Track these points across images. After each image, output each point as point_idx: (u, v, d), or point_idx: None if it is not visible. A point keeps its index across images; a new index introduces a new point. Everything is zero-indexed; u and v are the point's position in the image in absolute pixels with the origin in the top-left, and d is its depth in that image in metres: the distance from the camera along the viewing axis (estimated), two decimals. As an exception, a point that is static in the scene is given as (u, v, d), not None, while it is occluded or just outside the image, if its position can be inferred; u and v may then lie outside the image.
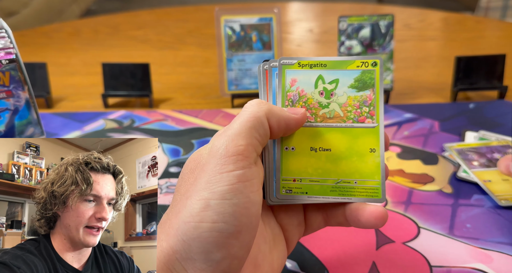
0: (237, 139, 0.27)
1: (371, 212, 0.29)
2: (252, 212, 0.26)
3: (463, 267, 0.37)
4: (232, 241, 0.25)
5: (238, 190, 0.26)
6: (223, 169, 0.26)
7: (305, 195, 0.31)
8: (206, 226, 0.25)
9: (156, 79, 0.77)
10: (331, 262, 0.38)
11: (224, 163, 0.26)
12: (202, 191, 0.26)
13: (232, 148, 0.26)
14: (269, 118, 0.28)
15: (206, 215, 0.25)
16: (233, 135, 0.27)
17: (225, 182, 0.26)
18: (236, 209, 0.25)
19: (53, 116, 0.67)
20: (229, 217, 0.25)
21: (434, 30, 1.09)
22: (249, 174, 0.26)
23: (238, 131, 0.27)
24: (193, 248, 0.25)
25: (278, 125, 0.29)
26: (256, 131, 0.27)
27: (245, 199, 0.26)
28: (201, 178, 0.26)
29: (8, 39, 0.48)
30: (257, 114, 0.28)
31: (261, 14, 0.68)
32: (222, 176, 0.26)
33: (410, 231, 0.41)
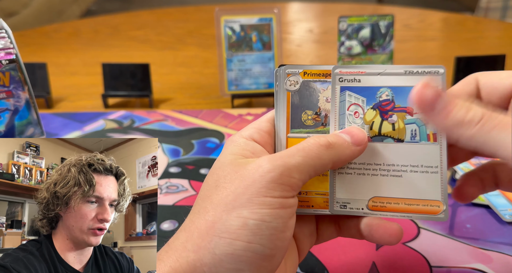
0: (294, 172, 0.26)
1: (386, 229, 0.29)
2: (287, 236, 0.26)
3: (463, 267, 0.37)
4: (264, 263, 0.25)
5: (279, 215, 0.25)
6: (269, 194, 0.25)
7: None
8: (241, 244, 0.25)
9: (156, 79, 0.78)
10: (331, 262, 0.38)
11: (271, 188, 0.26)
12: (242, 208, 0.25)
13: (285, 178, 0.26)
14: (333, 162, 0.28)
15: (242, 234, 0.25)
16: (292, 167, 0.26)
17: (267, 206, 0.25)
18: (273, 232, 0.25)
19: (53, 116, 0.67)
20: (266, 240, 0.25)
21: (434, 30, 1.09)
22: (292, 202, 0.26)
23: (297, 165, 0.26)
24: (224, 263, 0.25)
25: (339, 161, 0.28)
26: (314, 170, 0.27)
27: (283, 223, 0.26)
28: (242, 194, 0.26)
29: (8, 39, 0.48)
30: (323, 157, 0.27)
31: (261, 14, 0.68)
32: (266, 200, 0.25)
33: (410, 231, 0.41)
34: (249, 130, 0.30)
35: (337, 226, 0.32)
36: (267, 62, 0.69)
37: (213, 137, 0.59)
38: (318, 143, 0.27)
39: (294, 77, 0.31)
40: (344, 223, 0.31)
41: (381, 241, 0.29)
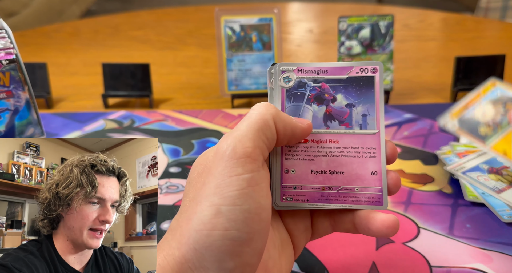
0: (245, 140, 0.26)
1: (383, 221, 0.29)
2: (263, 218, 0.26)
3: (463, 267, 0.37)
4: (245, 249, 0.25)
5: (248, 195, 0.25)
6: (232, 172, 0.25)
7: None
8: (218, 234, 0.24)
9: (156, 79, 0.78)
10: (331, 262, 0.38)
11: (232, 166, 0.25)
12: (212, 196, 0.25)
13: (239, 149, 0.26)
14: (276, 122, 0.28)
15: (218, 222, 0.24)
16: (240, 136, 0.26)
17: (234, 187, 0.25)
18: (247, 215, 0.25)
19: (53, 116, 0.67)
20: (241, 224, 0.25)
21: (434, 30, 1.10)
22: (258, 178, 0.26)
23: (245, 132, 0.27)
24: (206, 257, 0.25)
25: (285, 130, 0.28)
26: (263, 133, 0.27)
27: (255, 204, 0.25)
28: (210, 182, 0.26)
29: (8, 39, 0.48)
30: (265, 116, 0.27)
31: (261, 14, 0.68)
32: (232, 180, 0.25)
33: (410, 231, 0.41)
34: None
35: (332, 221, 0.32)
36: (267, 62, 0.69)
37: (213, 137, 0.60)
38: (257, 106, 0.28)
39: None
40: (339, 217, 0.31)
41: (378, 233, 0.29)
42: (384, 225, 0.29)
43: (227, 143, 0.26)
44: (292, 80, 0.31)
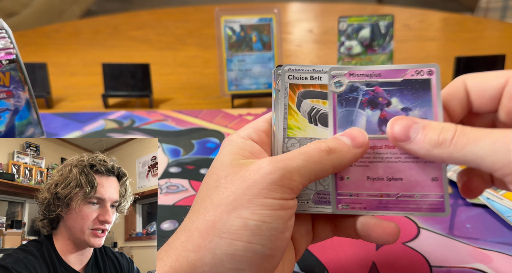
0: (295, 175, 0.26)
1: (384, 228, 0.29)
2: (286, 237, 0.26)
3: (463, 267, 0.37)
4: (264, 263, 0.26)
5: (279, 216, 0.26)
6: (269, 195, 0.26)
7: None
8: (241, 244, 0.25)
9: (156, 79, 0.78)
10: (331, 263, 0.38)
11: (272, 190, 0.26)
12: (242, 209, 0.25)
13: (286, 180, 0.26)
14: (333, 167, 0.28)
15: (243, 234, 0.25)
16: (294, 170, 0.26)
17: (268, 207, 0.25)
18: (273, 233, 0.25)
19: (53, 116, 0.67)
20: (266, 240, 0.25)
21: (434, 30, 1.10)
22: (291, 204, 0.27)
23: (298, 168, 0.27)
24: (225, 263, 0.25)
25: (339, 167, 0.28)
26: (315, 175, 0.27)
27: (283, 224, 0.26)
28: (243, 195, 0.26)
29: (9, 39, 0.48)
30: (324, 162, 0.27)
31: (261, 14, 0.68)
32: (266, 201, 0.26)
33: (410, 231, 0.41)
34: (246, 130, 0.30)
35: (333, 226, 0.32)
36: (267, 62, 0.69)
37: (213, 137, 0.60)
38: (319, 148, 0.28)
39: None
40: (340, 222, 0.31)
41: (379, 240, 0.29)
42: (385, 232, 0.29)
43: (276, 167, 0.26)
44: (343, 84, 0.30)
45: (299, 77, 0.31)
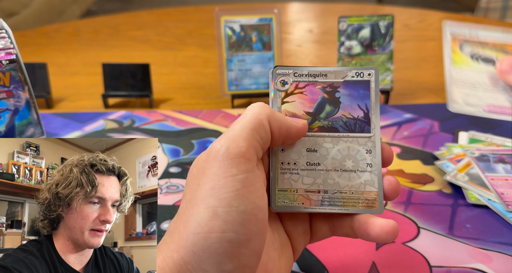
0: (238, 140, 0.26)
1: (382, 226, 0.29)
2: (260, 218, 0.26)
3: (463, 267, 0.37)
4: (243, 251, 0.25)
5: (244, 196, 0.25)
6: (227, 173, 0.25)
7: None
8: (215, 236, 0.24)
9: (156, 79, 0.78)
10: (331, 262, 0.38)
11: (226, 166, 0.25)
12: (208, 198, 0.25)
13: (233, 149, 0.26)
14: (271, 122, 0.28)
15: (215, 224, 0.24)
16: (234, 136, 0.26)
17: (230, 188, 0.25)
18: (244, 216, 0.25)
19: (54, 116, 0.67)
20: (238, 225, 0.25)
21: (433, 30, 1.10)
22: (253, 178, 0.26)
23: (239, 132, 0.26)
24: (204, 259, 0.25)
25: (280, 130, 0.28)
26: (257, 133, 0.27)
27: (251, 205, 0.25)
28: (205, 184, 0.26)
29: (9, 39, 0.48)
30: (259, 116, 0.27)
31: (261, 14, 0.68)
32: (226, 180, 0.25)
33: (410, 231, 0.41)
34: None
35: (331, 225, 0.32)
36: (267, 62, 0.69)
37: (213, 137, 0.60)
38: (252, 106, 0.28)
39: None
40: (337, 221, 0.31)
41: (377, 239, 0.29)
42: (383, 231, 0.28)
43: (220, 143, 0.26)
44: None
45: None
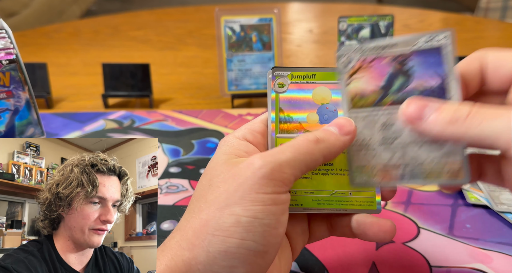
0: (286, 167, 0.26)
1: (380, 226, 0.29)
2: (280, 233, 0.26)
3: (463, 267, 0.37)
4: (258, 260, 0.26)
5: (271, 211, 0.26)
6: (261, 190, 0.26)
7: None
8: (234, 241, 0.25)
9: (156, 79, 0.78)
10: (331, 262, 0.38)
11: (263, 184, 0.26)
12: (235, 206, 0.25)
13: (276, 173, 0.26)
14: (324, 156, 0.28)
15: (236, 231, 0.25)
16: (283, 162, 0.26)
17: (259, 203, 0.25)
18: (266, 229, 0.25)
19: (54, 116, 0.67)
20: (259, 236, 0.25)
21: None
22: (284, 198, 0.27)
23: (288, 160, 0.27)
24: (218, 260, 0.25)
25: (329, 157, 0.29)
26: (306, 166, 0.27)
27: (275, 220, 0.26)
28: (235, 192, 0.26)
29: (9, 39, 0.48)
30: (313, 152, 0.27)
31: (261, 14, 0.68)
32: (258, 196, 0.25)
33: (410, 231, 0.41)
34: (242, 131, 0.31)
35: (329, 225, 0.32)
36: (267, 62, 0.69)
37: (213, 137, 0.60)
38: (307, 139, 0.28)
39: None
40: (335, 221, 0.32)
41: (375, 238, 0.29)
42: (381, 230, 0.29)
43: (265, 161, 0.26)
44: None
45: None
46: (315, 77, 0.31)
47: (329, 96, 0.31)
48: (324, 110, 0.31)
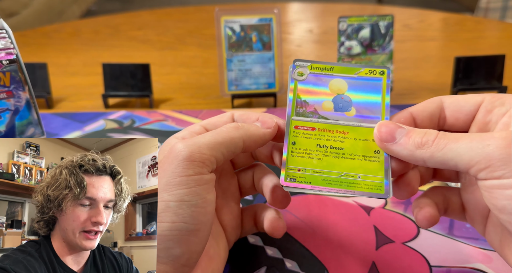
0: (205, 149, 0.29)
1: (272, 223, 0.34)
2: (208, 211, 0.29)
3: (463, 267, 0.37)
4: (191, 238, 0.28)
5: (196, 192, 0.28)
6: (183, 173, 0.28)
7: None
8: (166, 225, 0.27)
9: (156, 79, 0.78)
10: (331, 262, 0.38)
11: (185, 167, 0.28)
12: (163, 192, 0.28)
13: (196, 155, 0.28)
14: (244, 141, 0.31)
15: (166, 215, 0.27)
16: (202, 144, 0.29)
17: (184, 186, 0.28)
18: (194, 209, 0.28)
19: (54, 116, 0.67)
20: (188, 217, 0.27)
21: (433, 30, 1.10)
22: (207, 178, 0.29)
23: (207, 142, 0.29)
24: (157, 244, 0.27)
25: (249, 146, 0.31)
26: (225, 148, 0.30)
27: (202, 199, 0.28)
28: (161, 178, 0.28)
29: (9, 39, 0.48)
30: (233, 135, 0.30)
31: (261, 14, 0.68)
32: (182, 179, 0.28)
33: (410, 231, 0.41)
34: (182, 132, 0.34)
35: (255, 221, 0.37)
36: (267, 62, 0.69)
37: (213, 137, 0.59)
38: (229, 125, 0.31)
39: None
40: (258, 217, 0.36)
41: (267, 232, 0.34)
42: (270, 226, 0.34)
43: (185, 144, 0.29)
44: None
45: None
46: (333, 70, 0.33)
47: (345, 87, 0.33)
48: (339, 100, 0.33)
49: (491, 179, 0.26)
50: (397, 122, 0.31)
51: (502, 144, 0.25)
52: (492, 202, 0.26)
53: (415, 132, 0.29)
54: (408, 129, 0.29)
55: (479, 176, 0.26)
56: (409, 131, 0.29)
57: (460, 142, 0.26)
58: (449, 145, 0.27)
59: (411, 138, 0.28)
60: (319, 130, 0.32)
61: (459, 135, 0.27)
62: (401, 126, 0.30)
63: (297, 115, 0.33)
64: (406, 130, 0.29)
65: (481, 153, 0.25)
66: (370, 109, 0.32)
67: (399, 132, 0.29)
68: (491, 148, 0.25)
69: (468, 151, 0.26)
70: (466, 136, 0.27)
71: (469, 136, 0.27)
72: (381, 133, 0.30)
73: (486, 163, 0.25)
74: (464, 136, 0.27)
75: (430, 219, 0.32)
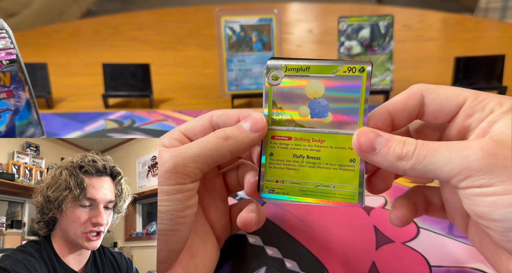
0: (189, 161, 0.30)
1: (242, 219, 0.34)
2: (187, 213, 0.30)
3: (463, 267, 0.37)
4: (171, 237, 0.29)
5: (176, 198, 0.29)
6: (165, 182, 0.29)
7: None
8: None
9: (156, 79, 0.78)
10: (331, 262, 0.38)
11: (167, 178, 0.29)
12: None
13: (180, 167, 0.29)
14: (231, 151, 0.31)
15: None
16: (187, 157, 0.30)
17: (164, 193, 0.29)
18: (173, 213, 0.29)
19: (54, 116, 0.67)
20: (167, 219, 0.29)
21: (433, 30, 1.10)
22: (190, 187, 0.30)
23: (193, 155, 0.30)
24: None
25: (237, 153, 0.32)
26: (212, 160, 0.30)
27: (182, 205, 0.29)
28: None
29: (9, 39, 0.48)
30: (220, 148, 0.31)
31: (261, 14, 0.68)
32: (163, 188, 0.29)
33: (410, 231, 0.41)
34: (162, 139, 0.35)
35: None
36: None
37: (213, 137, 0.59)
38: (216, 136, 0.31)
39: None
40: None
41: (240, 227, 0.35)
42: (241, 222, 0.34)
43: (170, 155, 0.29)
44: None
45: None
46: (309, 70, 0.32)
47: (322, 90, 0.32)
48: (316, 105, 0.32)
49: (472, 187, 0.26)
50: (375, 127, 0.30)
51: (480, 156, 0.25)
52: (472, 209, 0.27)
53: (394, 142, 0.28)
54: (387, 137, 0.29)
55: (460, 186, 0.26)
56: (388, 140, 0.29)
57: (439, 154, 0.26)
58: (429, 157, 0.27)
59: (391, 148, 0.28)
60: (295, 140, 0.32)
61: (438, 144, 0.27)
62: (380, 134, 0.29)
63: (273, 124, 0.32)
64: (385, 138, 0.29)
65: (461, 164, 0.26)
66: (347, 113, 0.31)
67: (378, 142, 0.29)
68: (470, 159, 0.25)
69: (448, 162, 0.26)
70: (445, 147, 0.27)
71: (448, 147, 0.26)
72: (360, 144, 0.29)
73: (467, 174, 0.26)
74: (443, 146, 0.27)
75: (402, 219, 0.33)
